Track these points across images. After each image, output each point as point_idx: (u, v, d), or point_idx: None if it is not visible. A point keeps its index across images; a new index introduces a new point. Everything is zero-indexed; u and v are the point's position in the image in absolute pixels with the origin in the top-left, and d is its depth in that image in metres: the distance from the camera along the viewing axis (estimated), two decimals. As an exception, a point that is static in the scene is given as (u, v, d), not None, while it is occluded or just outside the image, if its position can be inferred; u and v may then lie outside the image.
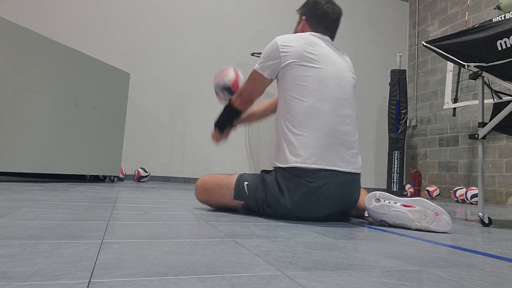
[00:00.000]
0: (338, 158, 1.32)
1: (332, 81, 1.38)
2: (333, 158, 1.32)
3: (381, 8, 5.54)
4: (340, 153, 1.33)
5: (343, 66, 1.48)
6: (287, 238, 0.93)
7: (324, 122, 1.33)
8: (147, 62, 4.36)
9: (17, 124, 2.44)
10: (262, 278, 0.54)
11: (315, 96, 1.34)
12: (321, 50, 1.41)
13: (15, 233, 0.76)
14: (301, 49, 1.37)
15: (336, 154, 1.33)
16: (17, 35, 2.45)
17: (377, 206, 1.29)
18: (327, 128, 1.32)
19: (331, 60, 1.41)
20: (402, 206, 1.26)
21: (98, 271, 0.52)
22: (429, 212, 1.23)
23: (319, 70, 1.36)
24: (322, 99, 1.34)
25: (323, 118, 1.33)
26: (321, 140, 1.31)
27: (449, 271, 0.67)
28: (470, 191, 3.67)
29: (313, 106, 1.33)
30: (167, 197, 2.03)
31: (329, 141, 1.32)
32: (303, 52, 1.37)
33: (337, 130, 1.34)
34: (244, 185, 1.40)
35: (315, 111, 1.33)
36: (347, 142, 1.36)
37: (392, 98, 4.71)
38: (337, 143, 1.33)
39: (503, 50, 1.40)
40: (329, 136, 1.32)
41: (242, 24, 4.80)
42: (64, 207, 1.26)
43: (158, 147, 4.32)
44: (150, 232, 0.88)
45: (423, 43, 1.73)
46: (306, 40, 1.41)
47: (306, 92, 1.34)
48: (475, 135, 1.57)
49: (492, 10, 4.24)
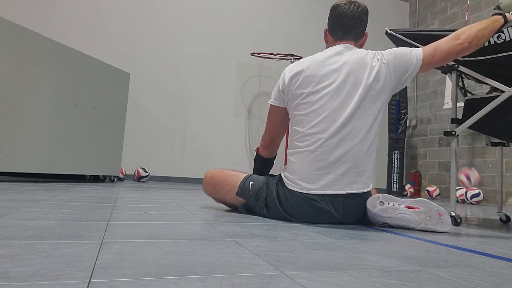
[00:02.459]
0: (331, 181, 1.26)
1: (330, 105, 1.29)
2: (325, 183, 1.26)
3: (381, 8, 5.54)
4: (334, 176, 1.27)
5: (353, 77, 1.31)
6: (287, 238, 0.93)
7: (313, 148, 1.28)
8: (147, 62, 4.36)
9: (17, 124, 2.44)
10: (262, 278, 0.54)
11: (308, 123, 1.32)
12: (319, 76, 1.32)
13: (15, 233, 0.76)
14: (294, 92, 1.35)
15: (329, 177, 1.26)
16: (17, 35, 2.45)
17: (382, 210, 1.26)
18: (317, 153, 1.27)
19: (334, 77, 1.31)
20: (406, 207, 1.25)
21: (98, 271, 0.52)
22: (433, 214, 1.22)
23: (315, 102, 1.32)
24: (315, 124, 1.30)
25: (313, 143, 1.29)
26: (311, 167, 1.28)
27: (449, 271, 0.67)
28: (470, 191, 3.68)
29: (305, 132, 1.31)
30: (167, 197, 2.03)
31: (319, 166, 1.27)
32: (296, 95, 1.35)
33: (331, 154, 1.27)
34: (249, 185, 1.41)
35: (306, 137, 1.31)
36: (344, 162, 1.27)
37: (392, 98, 4.71)
38: (331, 166, 1.27)
39: (486, 47, 1.40)
40: (320, 162, 1.27)
41: (242, 24, 4.80)
42: (64, 207, 1.26)
43: (158, 147, 4.32)
44: (150, 232, 0.88)
45: (386, 29, 1.66)
46: (301, 75, 1.34)
47: (302, 120, 1.33)
48: (452, 131, 1.52)
49: (492, 10, 4.24)
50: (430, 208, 1.23)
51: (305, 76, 1.33)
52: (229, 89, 4.65)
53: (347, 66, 1.32)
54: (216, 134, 4.56)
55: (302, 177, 1.29)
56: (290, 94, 1.37)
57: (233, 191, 1.44)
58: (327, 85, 1.31)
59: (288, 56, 4.46)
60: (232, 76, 4.68)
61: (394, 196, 1.30)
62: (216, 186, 1.50)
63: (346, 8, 1.40)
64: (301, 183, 1.28)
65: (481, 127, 1.52)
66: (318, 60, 1.35)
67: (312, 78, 1.32)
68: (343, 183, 1.27)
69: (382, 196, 1.28)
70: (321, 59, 1.35)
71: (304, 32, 5.06)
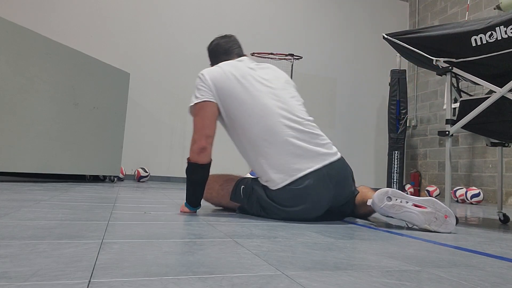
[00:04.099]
0: (304, 160, 1.31)
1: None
2: (300, 165, 1.30)
3: (381, 8, 5.54)
4: (304, 155, 1.31)
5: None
6: (287, 238, 0.93)
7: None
8: (147, 62, 4.36)
9: (17, 124, 2.44)
10: (262, 278, 0.54)
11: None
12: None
13: (15, 233, 0.76)
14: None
15: (301, 157, 1.30)
16: (17, 35, 2.45)
17: (389, 206, 1.25)
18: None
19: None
20: (413, 205, 1.23)
21: (98, 271, 0.52)
22: (439, 215, 1.21)
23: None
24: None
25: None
26: (279, 158, 1.31)
27: (449, 271, 0.67)
28: (470, 191, 3.67)
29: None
30: (167, 197, 2.03)
31: (286, 153, 1.30)
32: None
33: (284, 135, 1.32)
34: (241, 189, 1.42)
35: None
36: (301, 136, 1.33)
37: (392, 98, 4.71)
38: (295, 148, 1.31)
39: (478, 46, 1.40)
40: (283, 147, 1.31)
41: (242, 24, 4.80)
42: (64, 207, 1.26)
43: (158, 147, 4.32)
44: (150, 232, 0.88)
45: (383, 35, 1.69)
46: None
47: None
48: (445, 131, 1.53)
49: (492, 10, 4.24)
50: (437, 209, 1.22)
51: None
52: (229, 89, 4.65)
53: None
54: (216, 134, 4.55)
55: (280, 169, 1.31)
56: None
57: (227, 196, 1.46)
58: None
59: (288, 56, 4.46)
60: (232, 76, 4.68)
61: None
62: (212, 192, 1.52)
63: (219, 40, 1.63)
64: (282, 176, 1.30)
65: (474, 128, 1.52)
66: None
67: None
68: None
69: (391, 192, 1.26)
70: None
71: (304, 32, 5.06)
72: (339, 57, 5.17)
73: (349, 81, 5.23)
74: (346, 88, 5.21)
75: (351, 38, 5.26)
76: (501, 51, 1.36)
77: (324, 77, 5.10)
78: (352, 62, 5.25)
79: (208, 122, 1.36)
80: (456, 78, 1.69)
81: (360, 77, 5.28)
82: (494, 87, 1.40)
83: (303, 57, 4.97)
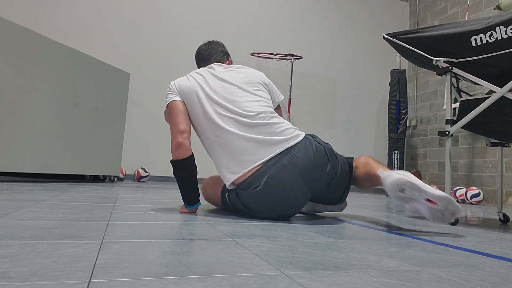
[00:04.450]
0: (255, 151, 1.28)
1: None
2: (252, 157, 1.28)
3: (381, 8, 5.54)
4: (255, 146, 1.29)
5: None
6: (287, 238, 0.93)
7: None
8: (147, 62, 4.36)
9: (17, 124, 2.44)
10: (262, 278, 0.54)
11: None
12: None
13: (15, 233, 0.76)
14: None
15: (251, 150, 1.28)
16: (17, 35, 2.45)
17: (401, 197, 1.20)
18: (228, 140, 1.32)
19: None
20: (425, 200, 1.18)
21: (98, 271, 0.52)
22: (447, 212, 1.17)
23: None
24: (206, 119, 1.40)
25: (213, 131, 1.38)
26: (229, 152, 1.31)
27: (449, 271, 0.67)
28: (470, 191, 3.67)
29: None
30: (167, 197, 2.03)
31: (236, 149, 1.30)
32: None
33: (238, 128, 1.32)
34: (226, 196, 1.41)
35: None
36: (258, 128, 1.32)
37: (392, 98, 4.71)
38: (247, 141, 1.30)
39: (478, 46, 1.40)
40: (233, 145, 1.31)
41: (242, 24, 4.80)
42: (64, 207, 1.26)
43: (158, 147, 4.32)
44: (150, 232, 0.88)
45: (383, 35, 1.69)
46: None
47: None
48: (445, 131, 1.52)
49: (492, 10, 4.24)
50: (447, 208, 1.17)
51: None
52: (229, 89, 4.65)
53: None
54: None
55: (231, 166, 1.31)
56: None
57: (219, 200, 1.48)
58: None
59: (288, 56, 4.46)
60: (232, 76, 4.68)
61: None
62: (208, 195, 1.56)
63: (203, 47, 1.63)
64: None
65: (474, 128, 1.52)
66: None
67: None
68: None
69: (409, 184, 1.17)
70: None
71: (304, 32, 5.06)
72: (339, 57, 5.17)
73: (349, 81, 5.23)
74: (346, 88, 5.21)
75: (351, 38, 5.26)
76: (501, 51, 1.36)
77: (324, 77, 5.10)
78: (352, 62, 5.25)
79: (179, 118, 1.39)
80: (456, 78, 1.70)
81: (360, 77, 5.28)
82: (494, 87, 1.40)
83: (303, 57, 4.97)
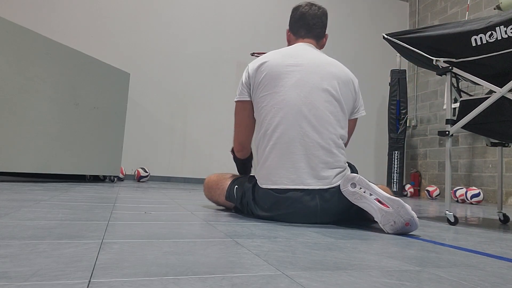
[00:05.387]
0: (301, 174, 1.24)
1: (292, 98, 1.29)
2: (295, 176, 1.24)
3: (381, 8, 5.54)
4: (304, 169, 1.24)
5: (315, 77, 1.33)
6: (287, 238, 0.93)
7: (281, 141, 1.27)
8: (147, 62, 4.36)
9: (17, 124, 2.44)
10: (262, 278, 0.54)
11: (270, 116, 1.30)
12: (282, 66, 1.32)
13: (15, 233, 0.76)
14: (260, 83, 1.34)
15: (299, 170, 1.24)
16: (17, 35, 2.45)
17: (350, 192, 1.19)
18: (284, 146, 1.26)
19: (294, 71, 1.32)
20: (376, 200, 1.14)
21: (98, 271, 0.52)
22: (400, 220, 1.10)
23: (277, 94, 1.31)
24: (277, 117, 1.28)
25: (280, 137, 1.27)
26: (277, 159, 1.26)
27: (449, 271, 0.67)
28: (470, 191, 3.67)
29: (268, 126, 1.31)
30: (167, 197, 2.03)
31: (287, 159, 1.25)
32: (261, 85, 1.33)
33: (299, 147, 1.26)
34: (234, 189, 1.41)
35: (271, 130, 1.29)
36: (314, 156, 1.25)
37: (392, 98, 4.71)
38: (300, 159, 1.25)
39: (478, 46, 1.39)
40: (288, 155, 1.25)
41: (242, 24, 4.80)
42: (64, 207, 1.26)
43: (158, 147, 4.32)
44: (150, 232, 0.88)
45: (383, 35, 1.69)
46: (264, 66, 1.34)
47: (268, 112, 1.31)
48: (445, 131, 1.52)
49: (492, 10, 4.24)
50: (400, 215, 1.10)
51: (269, 67, 1.32)
52: (229, 89, 4.65)
53: (306, 63, 1.33)
54: (216, 134, 4.56)
55: (276, 172, 1.26)
56: (255, 85, 1.34)
57: (222, 194, 1.46)
58: (288, 78, 1.30)
59: (288, 56, 4.46)
60: (232, 76, 4.68)
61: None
62: (210, 190, 1.54)
63: (308, 8, 1.44)
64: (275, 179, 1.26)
65: (474, 128, 1.52)
66: (280, 54, 1.35)
67: (276, 68, 1.32)
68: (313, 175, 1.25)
69: (358, 179, 1.17)
70: (282, 53, 1.36)
71: (304, 32, 5.05)
72: (339, 57, 5.17)
73: (349, 81, 5.22)
74: (346, 88, 5.20)
75: (351, 38, 5.26)
76: (501, 51, 1.36)
77: (324, 77, 5.09)
78: (352, 62, 5.25)
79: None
80: (456, 78, 1.70)
81: (360, 77, 5.28)
82: (494, 87, 1.40)
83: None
